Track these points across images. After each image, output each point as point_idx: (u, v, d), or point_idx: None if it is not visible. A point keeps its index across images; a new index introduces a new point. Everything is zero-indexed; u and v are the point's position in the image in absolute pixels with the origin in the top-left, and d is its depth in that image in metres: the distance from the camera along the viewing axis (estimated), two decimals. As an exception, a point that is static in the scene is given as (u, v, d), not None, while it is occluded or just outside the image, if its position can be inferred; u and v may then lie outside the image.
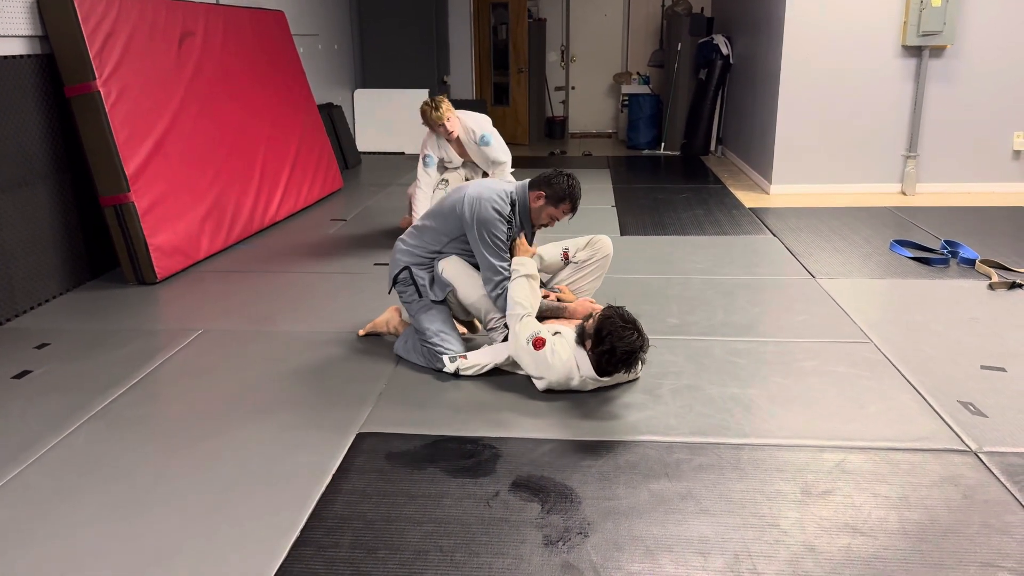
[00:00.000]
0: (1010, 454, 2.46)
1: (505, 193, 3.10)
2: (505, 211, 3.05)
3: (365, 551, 2.04)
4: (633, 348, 2.70)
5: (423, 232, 3.20)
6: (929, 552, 2.01)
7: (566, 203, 3.11)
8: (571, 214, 3.15)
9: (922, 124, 6.29)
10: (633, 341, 2.70)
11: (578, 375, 2.81)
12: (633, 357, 2.73)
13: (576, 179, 3.13)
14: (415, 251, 3.18)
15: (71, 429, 2.70)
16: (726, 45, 8.20)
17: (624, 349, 2.69)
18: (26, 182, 3.86)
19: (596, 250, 3.37)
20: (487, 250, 3.03)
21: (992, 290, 3.99)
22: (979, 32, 6.09)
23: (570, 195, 3.09)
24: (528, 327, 2.88)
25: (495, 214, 3.02)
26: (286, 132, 5.90)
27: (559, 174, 3.11)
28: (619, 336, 2.69)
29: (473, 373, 3.01)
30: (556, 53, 10.64)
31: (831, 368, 3.10)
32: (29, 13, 3.88)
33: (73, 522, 2.19)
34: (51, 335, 3.54)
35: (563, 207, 3.12)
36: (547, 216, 3.14)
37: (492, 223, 3.02)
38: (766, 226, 5.37)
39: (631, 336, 2.70)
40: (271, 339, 3.48)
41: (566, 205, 3.11)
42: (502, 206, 3.05)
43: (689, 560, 1.99)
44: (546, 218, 3.15)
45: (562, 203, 3.11)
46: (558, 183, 3.08)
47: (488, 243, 3.03)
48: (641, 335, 2.74)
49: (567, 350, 2.81)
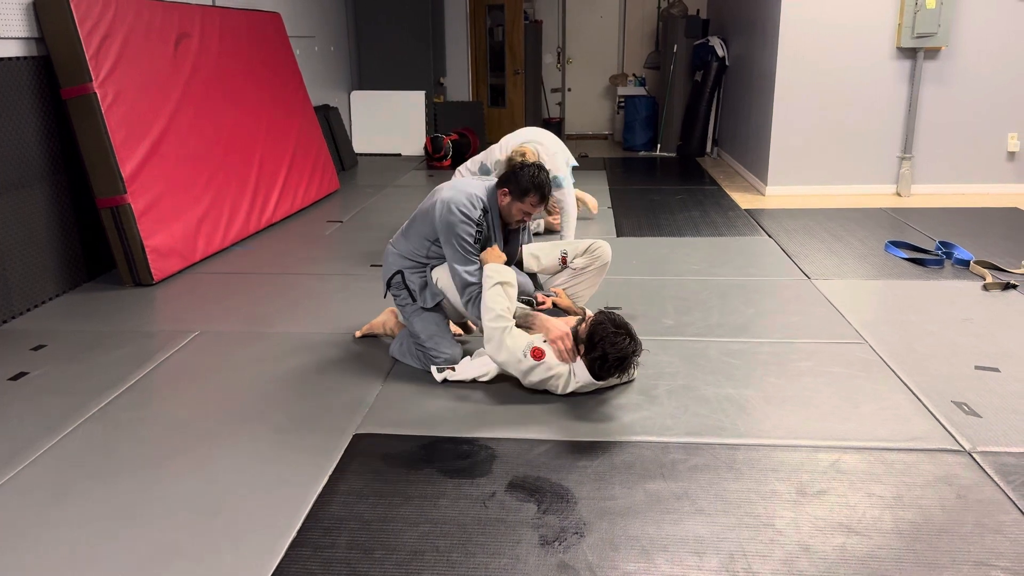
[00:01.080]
0: (1004, 454, 2.48)
1: (475, 197, 3.02)
2: (474, 215, 2.97)
3: (362, 552, 2.04)
4: (625, 353, 2.71)
5: (409, 234, 3.16)
6: (923, 551, 2.02)
7: (532, 195, 3.02)
8: (542, 204, 3.06)
9: (917, 126, 6.31)
10: (625, 346, 2.71)
11: (573, 380, 2.82)
12: (626, 362, 2.74)
13: (543, 169, 3.05)
14: (405, 254, 3.15)
15: (67, 431, 2.70)
16: (722, 47, 8.22)
17: (616, 355, 2.70)
18: (22, 184, 3.85)
19: (595, 257, 3.33)
20: (454, 257, 2.97)
21: (986, 291, 4.00)
22: (973, 34, 6.11)
23: (534, 185, 3.00)
24: (518, 340, 2.83)
25: (461, 217, 2.95)
26: (282, 134, 5.90)
27: (523, 167, 3.03)
28: (611, 342, 2.69)
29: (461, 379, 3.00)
30: (552, 55, 10.65)
31: (826, 368, 3.11)
32: (25, 15, 3.88)
33: (69, 524, 2.19)
34: (47, 337, 3.54)
35: (530, 199, 3.03)
36: (518, 211, 3.06)
37: (458, 226, 2.94)
38: (761, 227, 5.38)
39: (623, 341, 2.70)
40: (268, 340, 3.48)
41: (532, 197, 3.02)
42: (470, 210, 2.97)
43: (684, 560, 1.99)
44: (518, 213, 3.07)
45: (527, 195, 3.02)
46: (521, 176, 3.01)
47: (455, 248, 2.95)
48: (633, 339, 2.74)
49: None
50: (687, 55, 8.80)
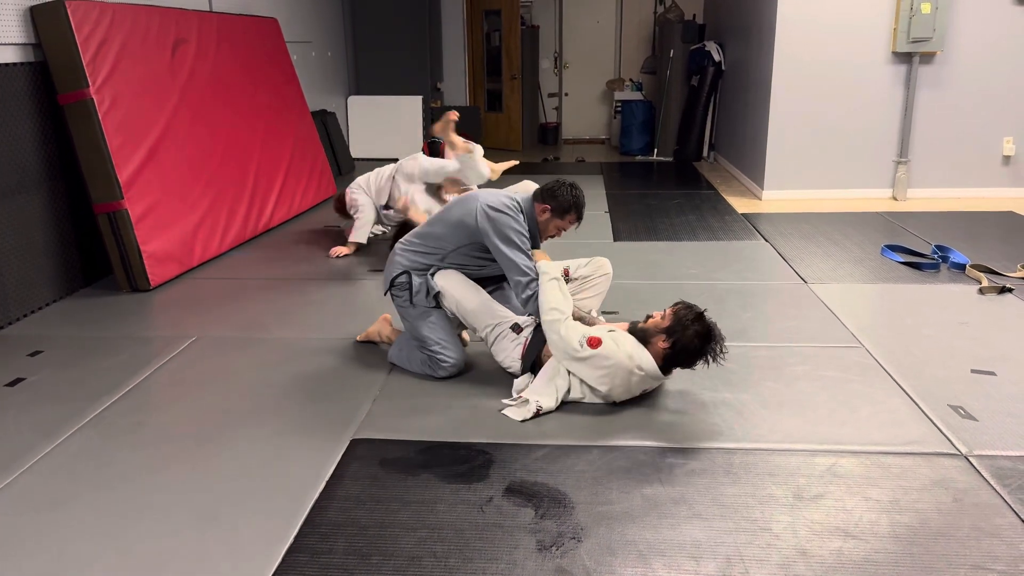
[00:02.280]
0: (1000, 457, 2.48)
1: (512, 200, 3.08)
2: (517, 215, 3.03)
3: (359, 557, 2.04)
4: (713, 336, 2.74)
5: (426, 239, 3.15)
6: (920, 555, 2.02)
7: (572, 213, 3.11)
8: (577, 223, 3.16)
9: (913, 130, 6.33)
10: (711, 329, 2.75)
11: (639, 372, 2.75)
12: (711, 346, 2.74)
13: (579, 188, 3.12)
14: (416, 257, 3.14)
15: (64, 437, 2.70)
16: (718, 52, 8.25)
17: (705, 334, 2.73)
18: (19, 190, 3.85)
19: (597, 267, 3.38)
20: (512, 249, 2.96)
21: (982, 295, 4.01)
22: (969, 38, 6.14)
23: (575, 205, 3.10)
24: (575, 330, 2.81)
25: (509, 214, 2.99)
26: (280, 139, 5.90)
27: (561, 185, 3.10)
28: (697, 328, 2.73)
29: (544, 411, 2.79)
30: (549, 60, 10.68)
31: (822, 373, 3.12)
32: (22, 21, 3.89)
33: (66, 530, 2.19)
34: (44, 342, 3.54)
35: (569, 218, 3.12)
36: (554, 228, 3.14)
37: (511, 222, 2.98)
38: (758, 231, 5.39)
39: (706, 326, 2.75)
40: (265, 346, 3.48)
41: (572, 216, 3.12)
42: (513, 210, 3.03)
43: (682, 564, 2.00)
44: (554, 230, 3.15)
45: (568, 214, 3.11)
46: (562, 195, 3.08)
47: (512, 241, 2.96)
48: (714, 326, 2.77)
49: (629, 340, 2.79)
50: (683, 60, 8.83)
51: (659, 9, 10.19)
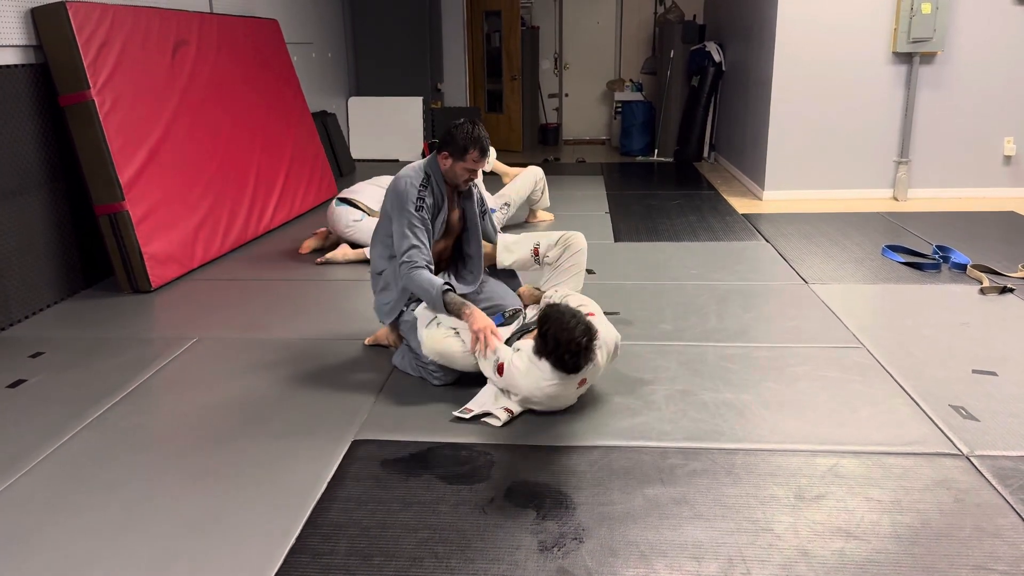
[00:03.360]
0: (1001, 458, 2.48)
1: (415, 167, 3.04)
2: (417, 181, 2.98)
3: (361, 558, 2.04)
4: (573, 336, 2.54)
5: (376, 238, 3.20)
6: (921, 556, 2.02)
7: (472, 151, 2.93)
8: (483, 159, 2.95)
9: (913, 130, 6.33)
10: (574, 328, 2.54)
11: (546, 384, 2.66)
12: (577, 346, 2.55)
13: (477, 124, 2.98)
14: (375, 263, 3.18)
15: (66, 438, 2.70)
16: (718, 52, 8.25)
17: (567, 338, 2.53)
18: (20, 191, 3.86)
19: (567, 246, 3.29)
20: (399, 221, 2.96)
21: (983, 295, 4.01)
22: (969, 38, 6.14)
23: (471, 139, 2.91)
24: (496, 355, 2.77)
25: (403, 182, 2.98)
26: (280, 140, 5.91)
27: (456, 126, 2.97)
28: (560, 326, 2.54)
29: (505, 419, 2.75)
30: (549, 60, 10.68)
31: (823, 373, 3.12)
32: (23, 23, 3.89)
33: (68, 532, 2.19)
34: (46, 344, 3.54)
35: (471, 155, 2.93)
36: (462, 170, 3.00)
37: (403, 193, 2.96)
38: (759, 232, 5.39)
39: (572, 323, 2.55)
40: (266, 347, 3.48)
41: (473, 153, 2.93)
42: (414, 179, 2.98)
43: (683, 565, 2.00)
44: (463, 173, 3.01)
45: (468, 152, 2.93)
46: (457, 135, 2.95)
47: (399, 215, 2.96)
48: (583, 323, 2.58)
49: (524, 361, 2.69)
50: (684, 60, 8.83)
51: (659, 10, 10.19)
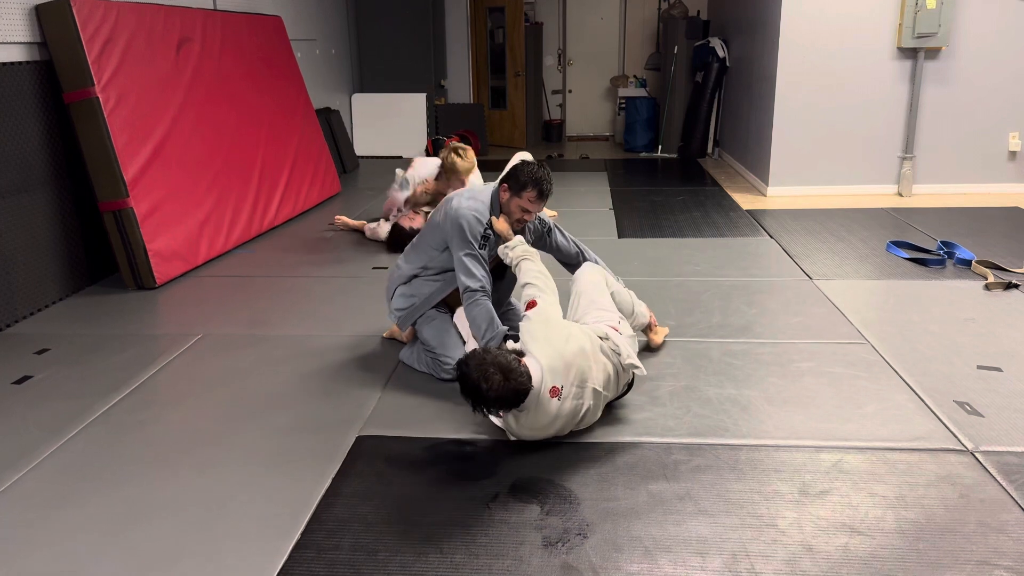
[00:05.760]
0: (1006, 453, 2.48)
1: (483, 202, 3.06)
2: (484, 218, 3.01)
3: (365, 553, 2.05)
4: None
5: (419, 246, 3.19)
6: (926, 551, 2.02)
7: (529, 190, 2.99)
8: (540, 201, 3.03)
9: (918, 125, 6.31)
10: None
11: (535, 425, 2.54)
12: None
13: (542, 166, 3.06)
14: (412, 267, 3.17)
15: (71, 434, 2.71)
16: (722, 48, 8.23)
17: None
18: (25, 188, 3.87)
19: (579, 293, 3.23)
20: (461, 251, 2.98)
21: (988, 291, 4.00)
22: (974, 34, 6.12)
23: (532, 180, 2.98)
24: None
25: (471, 216, 2.99)
26: (284, 136, 5.91)
27: (524, 164, 3.04)
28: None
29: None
30: (553, 57, 10.66)
31: (828, 369, 3.12)
32: (28, 20, 3.90)
33: (73, 527, 2.20)
34: (51, 340, 3.55)
35: (527, 194, 3.00)
36: (517, 208, 3.04)
37: (467, 225, 2.98)
38: (763, 228, 5.39)
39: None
40: (270, 343, 3.49)
41: (530, 192, 2.99)
42: (481, 214, 3.01)
43: (687, 560, 2.00)
44: (516, 211, 3.05)
45: (525, 190, 3.00)
46: (520, 172, 3.01)
47: (461, 245, 2.98)
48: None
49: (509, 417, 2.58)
50: (688, 56, 8.81)
51: (663, 5, 10.16)
